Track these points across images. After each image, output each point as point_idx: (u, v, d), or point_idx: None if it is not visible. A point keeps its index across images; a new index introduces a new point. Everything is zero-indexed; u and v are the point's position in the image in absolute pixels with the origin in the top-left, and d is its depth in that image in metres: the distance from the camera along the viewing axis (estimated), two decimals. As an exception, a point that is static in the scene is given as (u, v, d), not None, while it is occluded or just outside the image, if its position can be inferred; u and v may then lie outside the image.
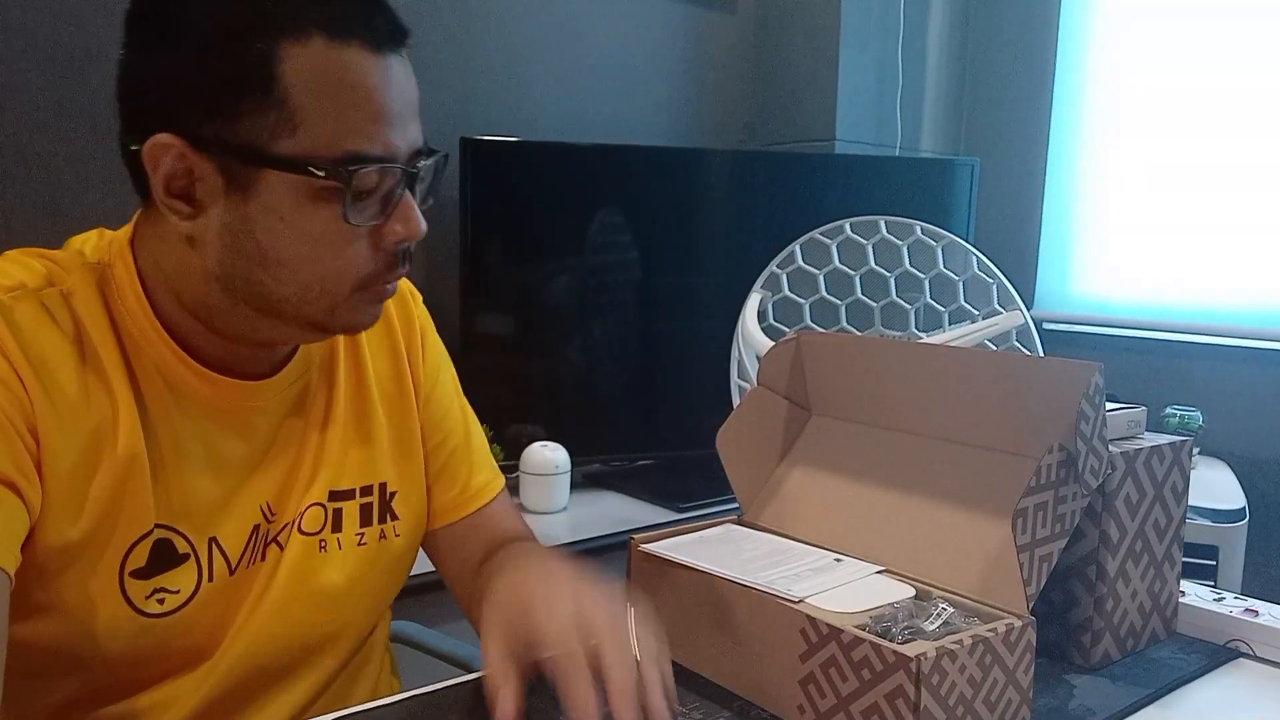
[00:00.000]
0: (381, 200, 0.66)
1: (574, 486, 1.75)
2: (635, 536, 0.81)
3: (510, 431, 1.75)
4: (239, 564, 0.73)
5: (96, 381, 0.66)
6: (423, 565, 0.87)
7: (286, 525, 0.76)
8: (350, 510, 0.79)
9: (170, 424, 0.69)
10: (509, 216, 1.78)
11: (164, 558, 0.69)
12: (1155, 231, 2.21)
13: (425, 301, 0.90)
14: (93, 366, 0.66)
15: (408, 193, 0.67)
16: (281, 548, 0.76)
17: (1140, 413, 0.82)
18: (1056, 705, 0.70)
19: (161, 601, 0.69)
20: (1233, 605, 0.84)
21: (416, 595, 0.89)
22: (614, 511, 1.76)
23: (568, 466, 1.71)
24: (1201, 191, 2.13)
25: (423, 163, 0.69)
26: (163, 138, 0.62)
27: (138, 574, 0.68)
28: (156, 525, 0.68)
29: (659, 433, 1.95)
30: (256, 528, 0.74)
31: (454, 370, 0.92)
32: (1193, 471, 0.85)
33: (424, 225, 0.69)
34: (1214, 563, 1.72)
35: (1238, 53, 2.06)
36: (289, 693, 0.78)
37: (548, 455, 1.69)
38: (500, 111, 1.91)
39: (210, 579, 0.71)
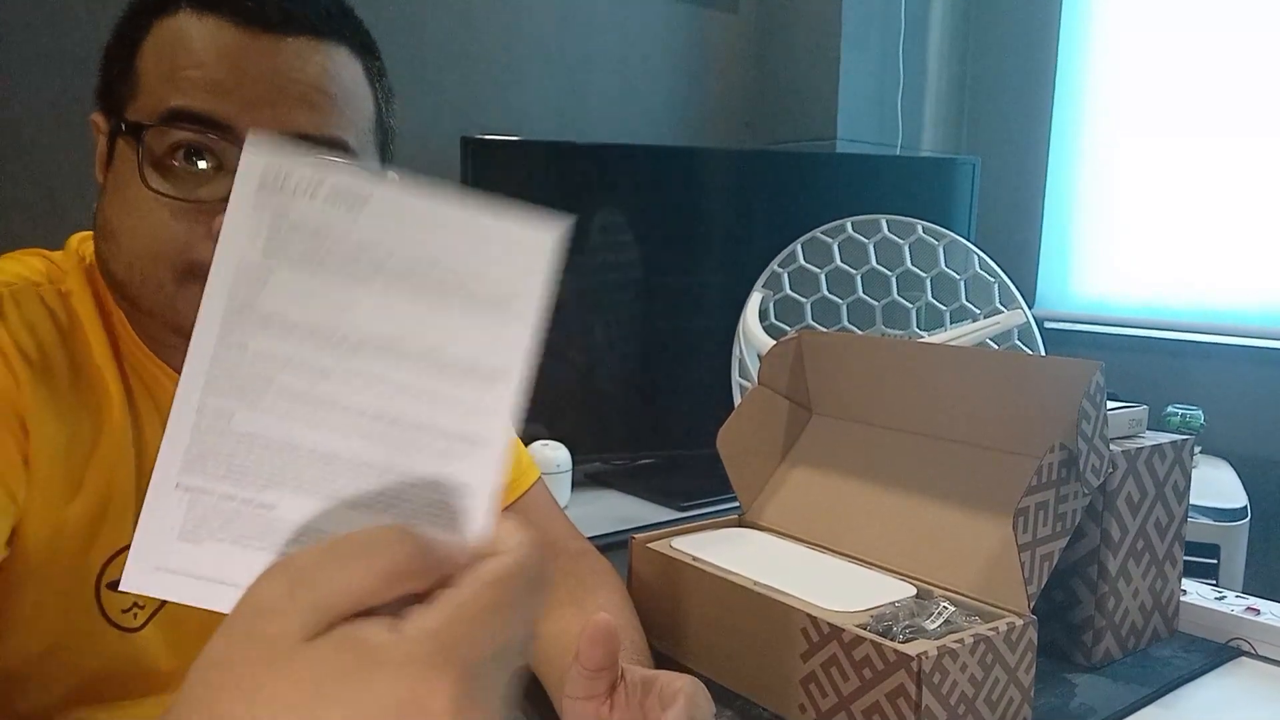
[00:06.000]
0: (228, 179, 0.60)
1: (575, 485, 1.75)
2: (636, 535, 0.81)
3: (511, 430, 1.74)
4: None
5: (90, 378, 0.65)
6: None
7: None
8: None
9: (156, 433, 0.67)
10: (509, 215, 1.77)
11: None
12: (1157, 230, 2.20)
13: None
14: (87, 364, 0.65)
15: None
16: None
17: (1141, 411, 0.82)
18: (1058, 704, 0.70)
19: (135, 616, 0.67)
20: (1234, 604, 0.84)
21: (417, 595, 0.89)
22: (615, 510, 1.75)
23: (569, 465, 1.70)
24: (1203, 190, 2.12)
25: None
26: (94, 115, 0.67)
27: (115, 586, 0.66)
28: None
29: (660, 431, 1.95)
30: None
31: None
32: (1194, 470, 0.85)
33: None
34: (1215, 561, 1.71)
35: (1239, 52, 2.06)
36: None
37: (549, 454, 1.68)
38: (500, 111, 1.91)
39: None
